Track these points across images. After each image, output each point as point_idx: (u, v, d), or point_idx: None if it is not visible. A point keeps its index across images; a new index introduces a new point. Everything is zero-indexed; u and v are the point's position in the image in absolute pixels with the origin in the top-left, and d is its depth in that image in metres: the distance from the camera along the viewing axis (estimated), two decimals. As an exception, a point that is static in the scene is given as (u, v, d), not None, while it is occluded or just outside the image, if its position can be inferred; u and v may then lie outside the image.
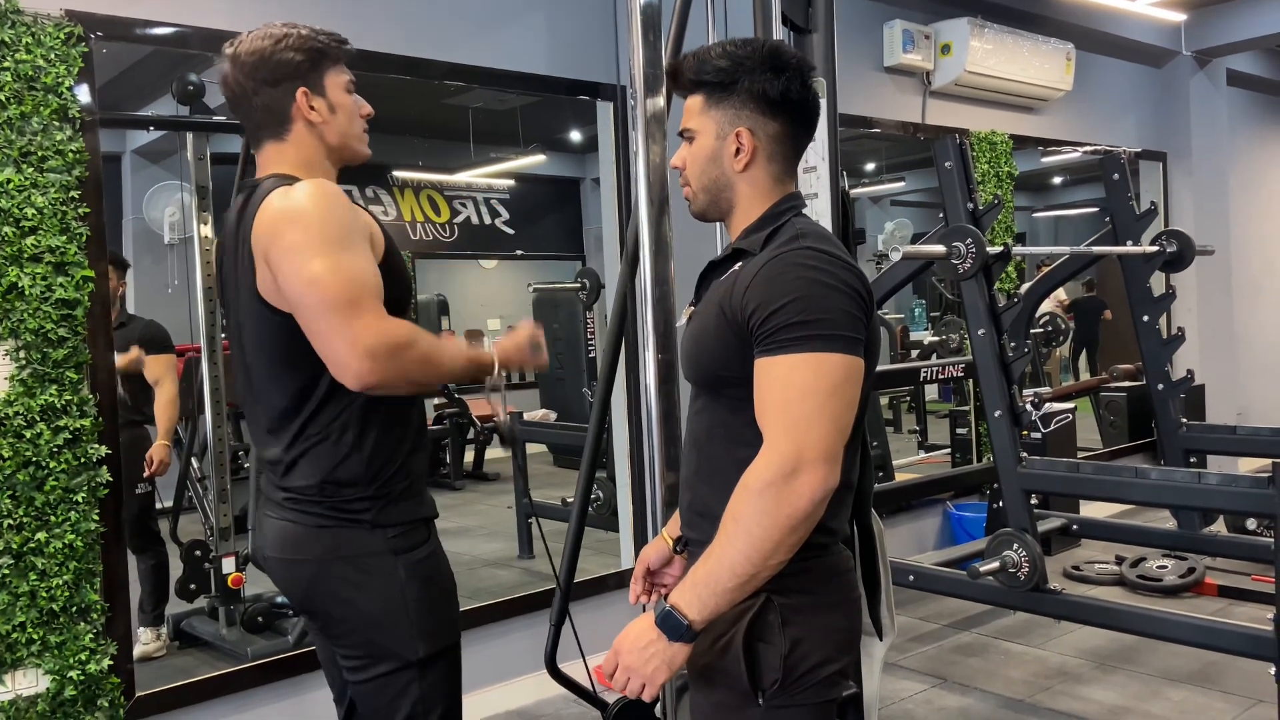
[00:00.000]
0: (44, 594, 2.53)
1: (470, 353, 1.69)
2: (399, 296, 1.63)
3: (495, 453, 7.65)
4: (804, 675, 1.33)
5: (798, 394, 1.25)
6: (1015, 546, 3.40)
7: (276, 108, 1.64)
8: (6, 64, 2.51)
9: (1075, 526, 4.35)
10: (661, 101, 2.23)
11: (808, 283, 1.28)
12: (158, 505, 3.97)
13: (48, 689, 2.55)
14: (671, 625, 1.27)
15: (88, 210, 2.63)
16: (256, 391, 1.67)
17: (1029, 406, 3.69)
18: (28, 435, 2.52)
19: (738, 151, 1.42)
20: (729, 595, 1.26)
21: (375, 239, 1.62)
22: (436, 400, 7.30)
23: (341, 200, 1.58)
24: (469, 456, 7.54)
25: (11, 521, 2.50)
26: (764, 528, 1.23)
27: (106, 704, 2.63)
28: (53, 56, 2.57)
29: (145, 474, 3.70)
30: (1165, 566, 4.41)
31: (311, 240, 1.51)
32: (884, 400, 8.09)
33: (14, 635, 2.50)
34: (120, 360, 3.00)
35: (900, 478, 5.39)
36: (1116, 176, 4.56)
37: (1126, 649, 3.72)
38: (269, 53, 1.63)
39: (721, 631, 1.33)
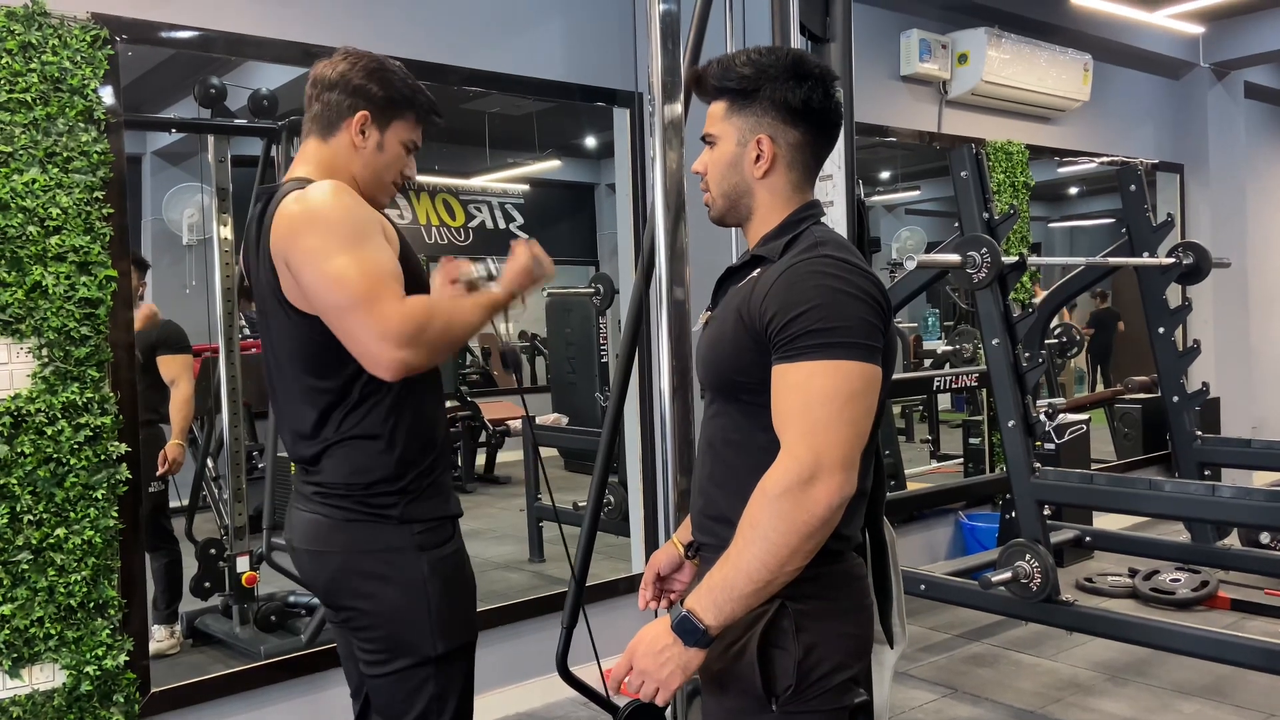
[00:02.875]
0: (62, 589, 2.56)
1: (483, 300, 1.71)
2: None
3: (506, 456, 7.67)
4: (818, 681, 1.33)
5: (816, 400, 1.26)
6: (1028, 557, 3.39)
7: (335, 112, 1.70)
8: (33, 65, 2.54)
9: (1088, 538, 4.33)
10: (679, 108, 2.24)
11: (827, 290, 1.29)
12: (172, 504, 4.00)
13: (64, 684, 2.58)
14: (688, 630, 1.27)
15: (111, 211, 2.65)
16: (289, 392, 1.69)
17: (1043, 417, 3.69)
18: (49, 432, 2.55)
19: (758, 158, 1.43)
20: (745, 601, 1.26)
21: (390, 237, 1.65)
22: (449, 403, 7.33)
23: (354, 197, 1.62)
24: (480, 459, 7.57)
25: (32, 517, 2.53)
26: (781, 533, 1.24)
27: (122, 699, 2.66)
28: (79, 58, 2.60)
29: (159, 472, 3.74)
30: (1178, 579, 4.39)
31: (329, 241, 1.54)
32: (897, 409, 8.07)
33: (32, 630, 2.52)
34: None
35: (912, 487, 5.38)
36: (1133, 188, 4.55)
37: (1139, 661, 3.71)
38: (363, 70, 1.70)
39: (736, 637, 1.33)
